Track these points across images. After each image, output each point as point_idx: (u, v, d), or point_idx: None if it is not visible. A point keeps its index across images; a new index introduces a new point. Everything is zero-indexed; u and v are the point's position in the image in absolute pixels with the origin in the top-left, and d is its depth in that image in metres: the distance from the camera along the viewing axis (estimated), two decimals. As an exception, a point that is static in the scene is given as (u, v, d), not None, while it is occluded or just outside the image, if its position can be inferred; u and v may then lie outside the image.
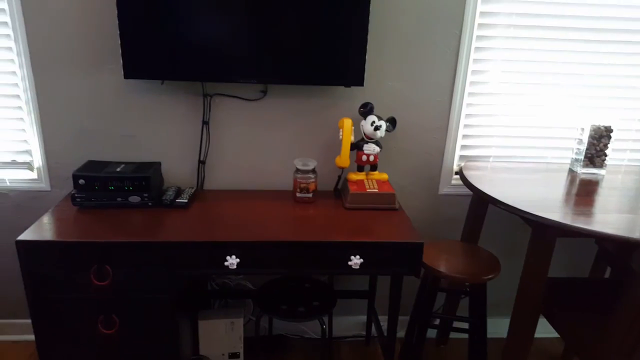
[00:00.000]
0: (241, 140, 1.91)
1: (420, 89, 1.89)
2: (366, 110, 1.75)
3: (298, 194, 1.78)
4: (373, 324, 2.11)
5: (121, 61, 1.74)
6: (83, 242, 1.48)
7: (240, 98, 1.85)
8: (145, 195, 1.71)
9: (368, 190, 1.71)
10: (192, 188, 1.86)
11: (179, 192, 1.82)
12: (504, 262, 2.18)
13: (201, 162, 1.92)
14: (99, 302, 1.56)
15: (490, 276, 1.65)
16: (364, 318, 2.22)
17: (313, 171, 1.77)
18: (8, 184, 1.90)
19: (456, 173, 2.01)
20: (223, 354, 1.99)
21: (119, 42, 1.63)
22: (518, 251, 2.18)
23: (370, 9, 1.65)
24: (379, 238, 1.53)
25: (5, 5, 1.68)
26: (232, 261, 1.52)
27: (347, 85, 1.72)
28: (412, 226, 1.61)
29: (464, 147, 2.00)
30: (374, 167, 1.81)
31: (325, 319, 1.81)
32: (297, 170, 1.76)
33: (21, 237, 1.48)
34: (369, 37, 1.76)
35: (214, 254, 1.51)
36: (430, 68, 1.86)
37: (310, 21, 1.65)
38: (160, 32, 1.62)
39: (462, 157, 2.01)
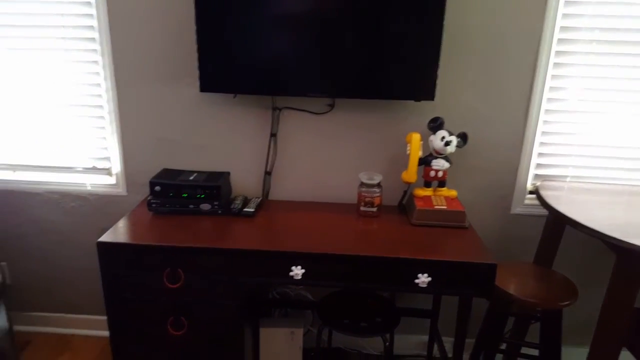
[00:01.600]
0: (307, 153, 1.95)
1: (493, 104, 1.84)
2: (436, 125, 1.73)
3: (362, 208, 1.78)
4: (436, 345, 2.07)
5: (198, 75, 1.83)
6: (157, 246, 1.57)
7: (308, 112, 1.89)
8: (216, 203, 1.78)
9: (436, 206, 1.69)
10: (258, 198, 1.92)
11: (245, 202, 1.88)
12: (580, 287, 2.06)
13: (267, 173, 1.98)
14: (170, 304, 1.64)
15: (567, 302, 1.57)
16: (425, 338, 2.18)
17: (378, 185, 1.77)
18: (89, 188, 2.05)
19: (530, 192, 1.93)
20: (281, 364, 2.02)
21: (197, 57, 1.73)
22: (596, 276, 2.05)
23: (444, 21, 1.64)
24: (448, 257, 1.49)
25: (94, 22, 1.83)
26: (297, 271, 1.54)
27: (417, 99, 1.71)
28: (484, 246, 1.57)
29: (539, 165, 1.92)
30: (442, 184, 1.79)
31: (387, 336, 1.79)
32: (362, 184, 1.77)
33: (101, 239, 1.58)
34: (441, 50, 1.75)
35: (280, 263, 1.55)
36: (505, 83, 1.81)
37: (382, 35, 1.66)
38: (234, 49, 1.70)
39: (536, 176, 1.93)
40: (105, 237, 1.60)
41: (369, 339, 2.17)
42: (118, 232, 1.64)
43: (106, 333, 2.28)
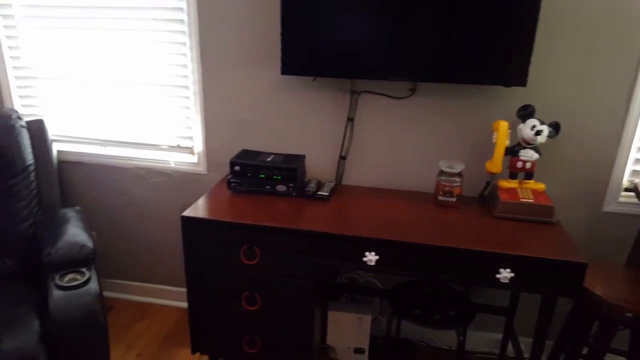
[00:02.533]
0: (384, 138, 1.92)
1: (590, 92, 1.71)
2: (526, 112, 1.64)
3: (440, 197, 1.74)
4: (510, 344, 1.99)
5: (279, 59, 1.87)
6: (236, 223, 1.63)
7: (387, 96, 1.86)
8: (291, 185, 1.81)
9: (521, 199, 1.61)
10: (332, 182, 1.93)
11: (319, 185, 1.89)
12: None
13: (342, 158, 1.98)
14: (245, 279, 1.70)
15: (664, 311, 1.45)
16: (498, 335, 2.10)
17: (459, 175, 1.71)
18: (172, 165, 2.16)
19: (626, 189, 1.79)
20: (348, 348, 2.03)
21: (279, 41, 1.75)
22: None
23: (541, 1, 1.53)
24: (534, 253, 1.42)
25: (183, 4, 1.91)
26: (370, 257, 1.54)
27: (507, 85, 1.63)
28: (572, 244, 1.47)
29: (637, 161, 1.77)
30: (529, 175, 1.70)
31: (460, 330, 1.75)
32: (442, 172, 1.72)
33: (185, 213, 1.67)
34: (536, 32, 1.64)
35: (353, 248, 1.55)
36: (605, 71, 1.68)
37: (470, 15, 1.58)
38: (316, 32, 1.70)
39: (634, 172, 1.79)
40: (188, 212, 1.69)
41: (439, 332, 2.13)
42: (200, 208, 1.72)
43: (181, 304, 2.42)
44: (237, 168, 1.84)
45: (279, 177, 1.82)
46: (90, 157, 2.22)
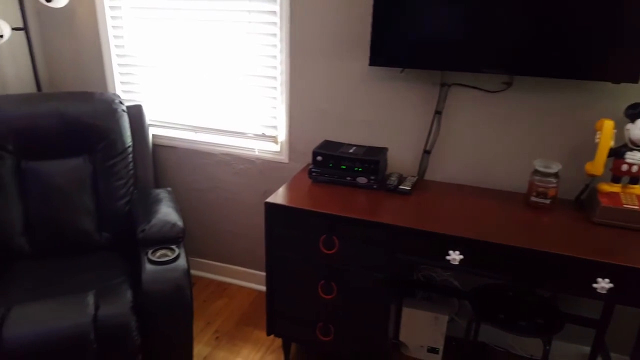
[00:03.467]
0: (473, 134, 1.86)
1: None
2: (636, 112, 1.50)
3: (533, 198, 1.65)
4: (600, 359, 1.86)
5: (367, 50, 1.86)
6: (318, 212, 1.66)
7: (479, 89, 1.79)
8: (372, 177, 1.81)
9: (625, 205, 1.48)
10: (414, 177, 1.90)
11: (401, 179, 1.87)
12: None
13: (426, 152, 1.93)
14: (323, 268, 1.73)
15: None
16: (586, 349, 1.97)
17: (555, 175, 1.61)
18: (257, 152, 2.24)
19: None
20: (422, 346, 2.00)
21: (369, 32, 1.74)
22: None
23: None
24: (637, 263, 1.31)
25: (275, -4, 1.96)
26: (454, 256, 1.50)
27: (617, 81, 1.50)
28: (684, 257, 1.34)
29: None
30: (634, 180, 1.55)
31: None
32: (537, 172, 1.63)
33: (269, 200, 1.72)
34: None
35: (436, 245, 1.52)
36: None
37: (575, 2, 1.47)
38: (407, 22, 1.67)
39: None
40: (272, 199, 1.74)
41: (520, 339, 2.04)
42: (282, 196, 1.77)
43: (257, 286, 2.51)
44: (319, 158, 1.86)
45: (360, 169, 1.82)
46: (182, 142, 2.36)
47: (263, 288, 2.50)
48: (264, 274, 2.47)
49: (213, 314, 2.31)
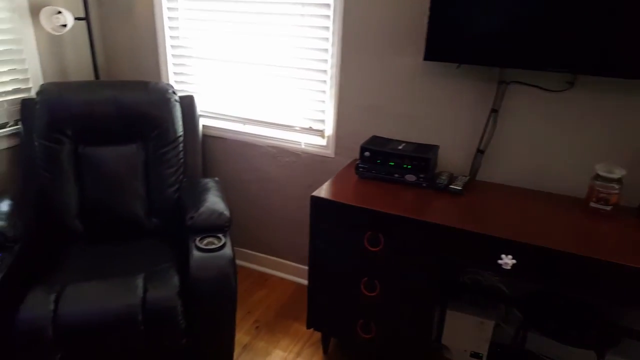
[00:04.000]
0: (530, 134, 1.78)
1: None
2: None
3: (592, 204, 1.57)
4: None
5: (422, 44, 1.82)
6: (363, 208, 1.64)
7: (540, 88, 1.72)
8: (422, 175, 1.77)
9: (697, 216, 1.39)
10: (465, 176, 1.85)
11: (452, 178, 1.82)
12: None
13: (479, 151, 1.88)
14: (367, 265, 1.71)
15: None
16: (641, 367, 1.87)
17: (618, 181, 1.53)
18: (303, 146, 2.24)
19: None
20: (465, 350, 1.96)
21: (424, 26, 1.70)
22: None
23: None
24: None
25: (329, -11, 1.95)
26: (507, 261, 1.45)
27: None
28: None
29: None
30: None
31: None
32: (598, 176, 1.55)
33: (314, 193, 1.73)
34: None
35: (487, 248, 1.47)
36: None
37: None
38: (465, 15, 1.62)
39: None
40: (318, 193, 1.74)
41: (570, 350, 1.95)
42: (328, 190, 1.76)
43: (297, 279, 2.53)
44: (366, 154, 1.85)
45: (409, 167, 1.79)
46: (230, 133, 2.40)
47: (303, 281, 2.52)
48: (305, 267, 2.48)
49: (253, 303, 2.35)
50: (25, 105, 2.12)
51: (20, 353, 1.58)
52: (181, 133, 2.21)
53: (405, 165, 1.79)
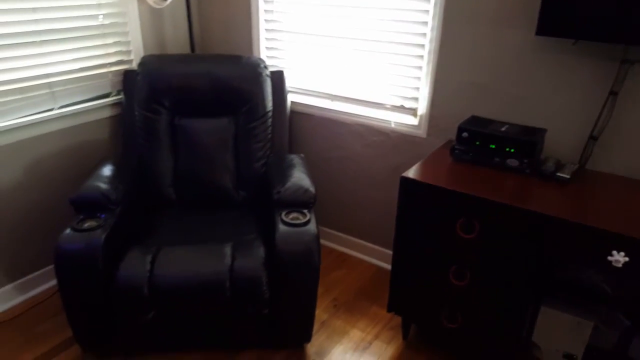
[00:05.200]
0: (656, 120, 1.62)
1: None
2: None
3: None
4: None
5: (534, 17, 1.69)
6: (458, 193, 1.58)
7: (672, 68, 1.55)
8: (525, 160, 1.67)
9: None
10: (574, 164, 1.71)
11: (559, 165, 1.70)
12: None
13: (592, 138, 1.73)
14: (457, 252, 1.66)
15: None
16: None
17: None
18: (392, 125, 2.20)
19: None
20: (557, 351, 1.84)
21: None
22: None
23: None
24: None
25: (431, -41, 1.86)
26: (618, 258, 1.34)
27: None
28: None
29: None
30: None
31: None
32: None
33: (405, 174, 1.69)
34: None
35: (597, 243, 1.37)
36: None
37: None
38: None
39: None
40: (408, 174, 1.70)
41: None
42: (419, 171, 1.72)
43: (377, 261, 2.51)
44: (464, 135, 1.77)
45: (512, 150, 1.69)
46: (318, 110, 2.41)
47: (383, 264, 2.50)
48: (386, 250, 2.46)
49: (332, 282, 2.37)
50: (128, 76, 2.26)
51: (119, 307, 1.73)
52: (270, 108, 2.26)
53: (507, 149, 1.69)
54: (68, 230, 1.70)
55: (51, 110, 2.10)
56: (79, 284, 1.68)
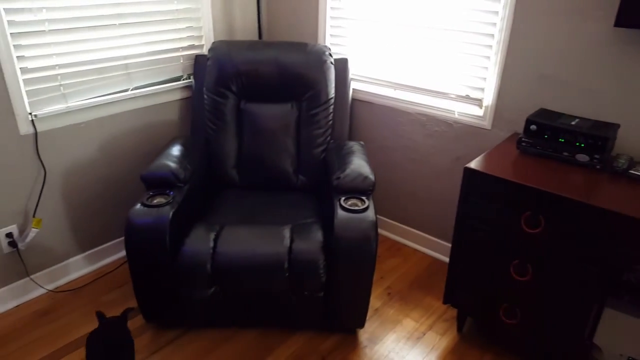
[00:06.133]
0: None
1: None
2: None
3: None
4: None
5: (614, 7, 1.64)
6: (525, 186, 1.57)
7: None
8: (596, 156, 1.63)
9: None
10: (649, 162, 1.66)
11: (632, 163, 1.65)
12: None
13: (672, 135, 1.67)
14: (520, 247, 1.65)
15: None
16: None
17: None
18: (456, 115, 2.19)
19: None
20: (621, 355, 1.80)
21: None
22: None
23: None
24: None
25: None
26: (696, 262, 1.29)
27: None
28: None
29: None
30: None
31: None
32: None
33: (469, 165, 1.69)
34: None
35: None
36: None
37: None
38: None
39: None
40: (472, 165, 1.70)
41: None
42: (483, 163, 1.72)
43: (433, 253, 2.53)
44: (532, 127, 1.74)
45: (582, 145, 1.65)
46: (379, 98, 2.44)
47: (439, 256, 2.51)
48: (441, 241, 2.47)
49: (386, 270, 2.41)
50: (198, 61, 2.39)
51: (182, 281, 1.84)
52: (333, 95, 2.31)
53: (577, 143, 1.66)
54: (138, 206, 1.83)
55: (126, 90, 2.25)
56: (146, 257, 1.81)
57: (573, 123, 1.70)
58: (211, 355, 1.89)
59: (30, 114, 1.95)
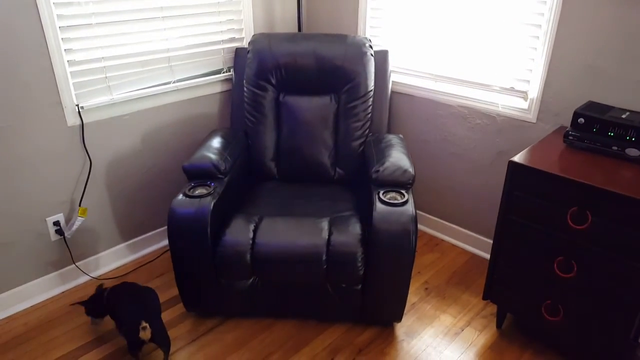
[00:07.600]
0: None
1: None
2: None
3: None
4: None
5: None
6: (572, 181, 1.56)
7: None
8: (648, 151, 1.61)
9: None
10: None
11: (688, 158, 1.62)
12: None
13: None
14: (565, 243, 1.64)
15: None
16: None
17: None
18: (499, 108, 2.17)
19: None
20: (671, 359, 1.78)
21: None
22: None
23: None
24: None
25: None
26: None
27: None
28: None
29: None
30: None
31: None
32: None
33: (514, 158, 1.68)
34: None
35: None
36: None
37: None
38: None
39: None
40: (517, 159, 1.69)
41: None
42: (528, 157, 1.71)
43: (471, 248, 2.53)
44: (580, 120, 1.72)
45: (633, 139, 1.62)
46: (419, 91, 2.44)
47: (477, 251, 2.50)
48: (481, 237, 2.46)
49: (424, 265, 2.43)
50: (238, 54, 2.45)
51: (222, 270, 1.91)
52: (372, 88, 2.33)
53: (628, 138, 1.63)
54: (181, 196, 1.91)
55: (168, 83, 2.34)
56: (188, 246, 1.88)
57: (623, 116, 1.66)
58: (249, 344, 1.96)
59: (77, 105, 2.06)
